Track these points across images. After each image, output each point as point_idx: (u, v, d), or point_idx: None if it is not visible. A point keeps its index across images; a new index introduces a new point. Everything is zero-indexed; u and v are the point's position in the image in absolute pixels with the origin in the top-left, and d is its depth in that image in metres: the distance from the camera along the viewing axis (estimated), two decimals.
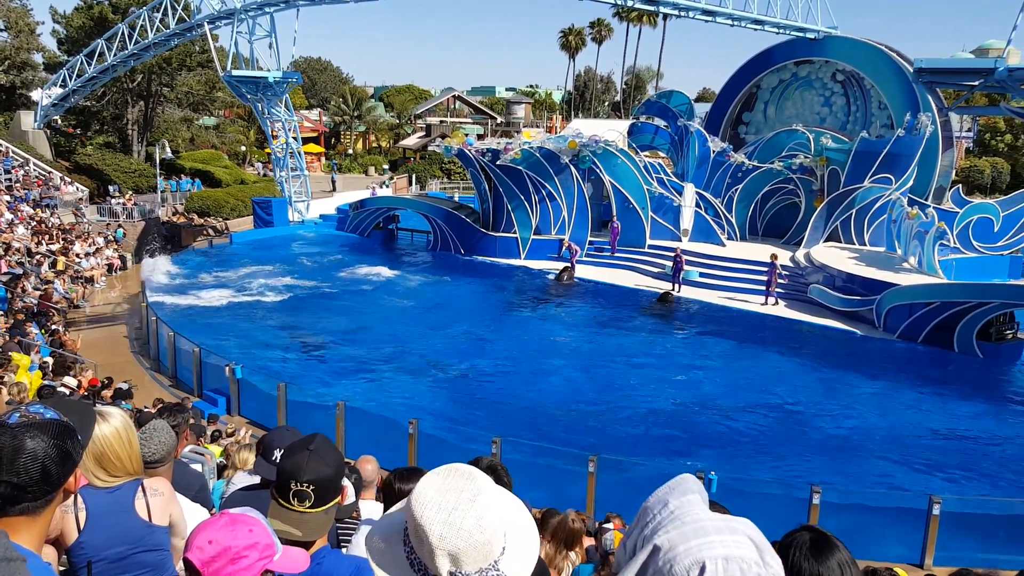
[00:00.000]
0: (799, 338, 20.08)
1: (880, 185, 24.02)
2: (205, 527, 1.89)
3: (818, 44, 28.06)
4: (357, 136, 67.22)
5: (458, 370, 17.26)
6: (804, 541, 1.85)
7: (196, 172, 42.90)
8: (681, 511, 1.38)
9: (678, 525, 1.34)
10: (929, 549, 10.12)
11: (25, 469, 1.69)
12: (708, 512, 1.39)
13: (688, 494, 1.41)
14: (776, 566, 1.34)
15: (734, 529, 1.34)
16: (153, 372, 17.21)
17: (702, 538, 1.30)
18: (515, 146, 27.63)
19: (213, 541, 1.85)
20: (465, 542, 1.44)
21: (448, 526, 1.44)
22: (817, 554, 1.82)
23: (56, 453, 1.73)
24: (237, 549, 1.85)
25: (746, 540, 1.33)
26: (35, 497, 1.73)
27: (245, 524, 1.90)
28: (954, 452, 13.63)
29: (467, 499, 1.47)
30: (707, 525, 1.33)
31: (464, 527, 1.44)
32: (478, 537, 1.44)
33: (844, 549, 1.85)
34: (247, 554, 1.87)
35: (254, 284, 25.08)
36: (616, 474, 11.33)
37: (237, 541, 1.86)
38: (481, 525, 1.45)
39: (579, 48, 79.06)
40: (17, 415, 1.75)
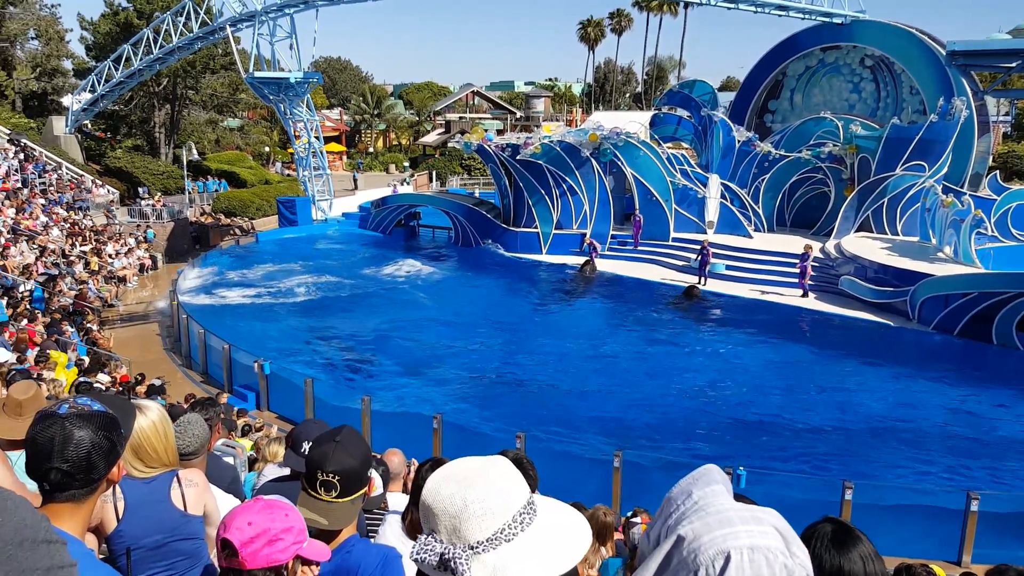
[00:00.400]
0: (831, 331, 19.73)
1: (913, 173, 23.52)
2: (243, 510, 1.98)
3: (845, 29, 27.59)
4: (377, 134, 67.62)
5: (482, 365, 17.27)
6: (826, 532, 1.84)
7: (222, 173, 43.52)
8: (705, 501, 1.37)
9: (702, 515, 1.34)
10: (967, 546, 9.92)
11: (74, 458, 1.80)
12: (733, 502, 1.38)
13: (712, 484, 1.41)
14: (803, 556, 1.33)
15: (759, 519, 1.33)
16: (185, 369, 17.50)
17: (727, 528, 1.29)
18: (535, 140, 27.55)
19: (252, 523, 1.93)
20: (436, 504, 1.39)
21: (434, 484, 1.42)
22: (839, 546, 1.81)
23: (103, 443, 1.83)
24: (275, 531, 1.94)
25: (772, 530, 1.31)
26: (82, 485, 1.83)
27: (281, 509, 1.98)
28: (993, 447, 13.32)
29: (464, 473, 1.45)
30: (732, 515, 1.32)
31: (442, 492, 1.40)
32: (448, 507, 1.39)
33: (867, 542, 1.84)
34: (283, 537, 1.95)
35: (281, 282, 25.37)
36: (641, 469, 11.27)
37: (275, 524, 1.94)
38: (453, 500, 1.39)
39: (598, 39, 78.68)
40: (66, 406, 1.86)
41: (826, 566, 1.79)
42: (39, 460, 1.80)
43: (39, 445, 1.79)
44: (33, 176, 32.02)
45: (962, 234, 20.41)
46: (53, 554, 1.05)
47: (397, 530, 3.13)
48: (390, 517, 3.29)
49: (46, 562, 1.03)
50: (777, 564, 1.26)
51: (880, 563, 1.83)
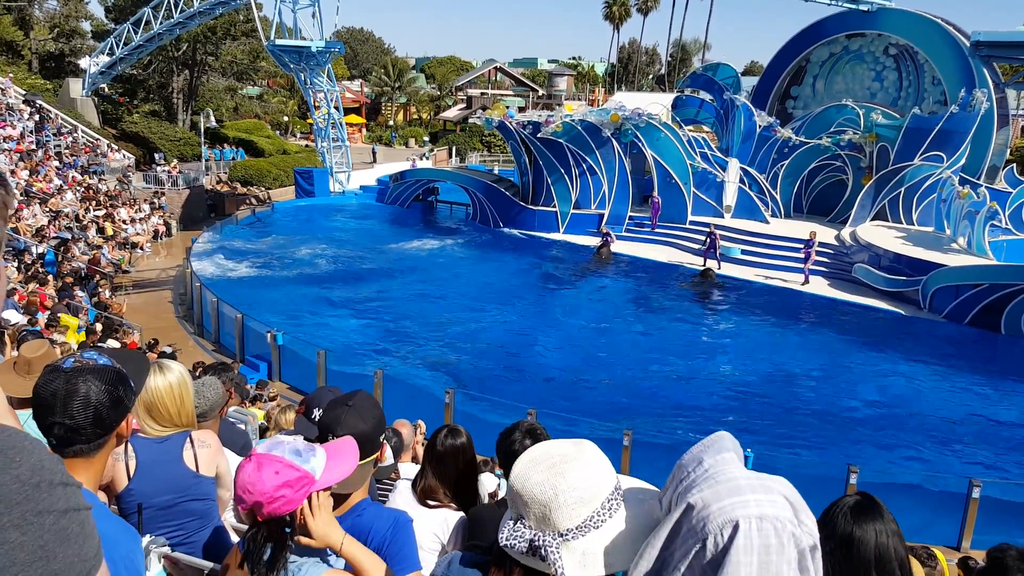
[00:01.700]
0: (842, 317, 19.70)
1: (931, 163, 23.27)
2: (239, 474, 1.96)
3: (871, 16, 27.12)
4: (398, 107, 67.30)
5: (493, 342, 17.35)
6: (848, 503, 1.84)
7: (239, 141, 43.45)
8: (716, 469, 1.36)
9: (712, 483, 1.33)
10: (967, 532, 9.98)
11: (78, 412, 1.75)
12: (743, 470, 1.37)
13: (723, 452, 1.39)
14: (811, 525, 1.32)
15: (769, 488, 1.32)
16: (196, 337, 17.63)
17: (736, 497, 1.29)
18: (556, 119, 27.35)
19: (249, 490, 1.92)
20: (525, 490, 1.44)
21: (522, 469, 1.46)
22: (856, 515, 1.80)
23: (108, 398, 1.78)
24: (269, 493, 1.92)
25: (782, 499, 1.30)
26: (88, 440, 1.79)
27: (270, 466, 1.94)
28: (998, 436, 13.34)
29: (552, 460, 1.48)
30: (742, 483, 1.31)
31: (533, 479, 1.44)
32: (538, 496, 1.43)
33: (889, 519, 1.81)
34: (283, 493, 1.93)
35: (297, 252, 25.46)
36: (650, 448, 11.35)
37: (267, 486, 1.92)
38: (543, 488, 1.44)
39: (623, 19, 77.57)
40: (71, 360, 1.82)
41: (839, 532, 1.79)
42: (43, 415, 1.77)
43: (42, 399, 1.77)
44: (48, 138, 32.12)
45: (976, 226, 20.25)
46: (69, 496, 1.02)
47: (408, 498, 3.17)
48: (401, 484, 3.33)
49: (62, 504, 1.00)
50: (785, 533, 1.26)
51: (898, 540, 1.81)
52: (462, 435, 3.18)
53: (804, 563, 1.30)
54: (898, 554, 1.78)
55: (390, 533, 2.25)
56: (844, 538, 1.78)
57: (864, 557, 1.76)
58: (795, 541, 1.27)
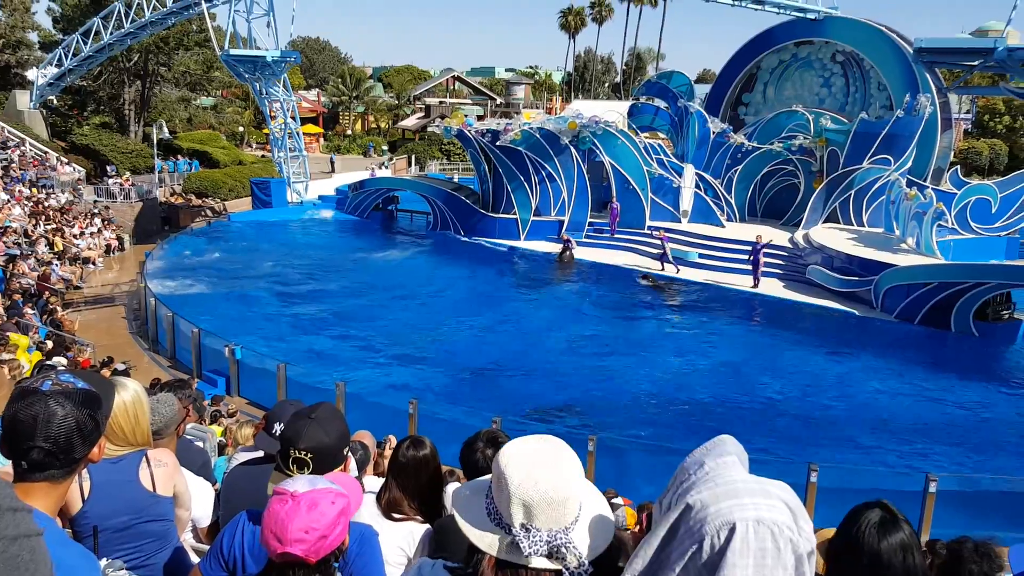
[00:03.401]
0: (797, 318, 20.12)
1: (879, 166, 23.97)
2: (291, 516, 1.84)
3: (818, 24, 27.85)
4: (356, 117, 66.83)
5: (458, 351, 17.29)
6: (873, 520, 1.81)
7: (194, 153, 42.68)
8: (716, 472, 1.37)
9: (711, 486, 1.34)
10: (925, 527, 10.20)
11: (58, 436, 1.71)
12: (744, 474, 1.38)
13: (725, 455, 1.41)
14: (809, 530, 1.33)
15: (768, 492, 1.33)
16: (152, 353, 17.23)
17: (734, 500, 1.30)
18: (515, 127, 27.49)
19: (310, 529, 1.84)
20: (540, 496, 1.47)
21: (527, 478, 1.49)
22: (883, 533, 1.77)
23: (87, 422, 1.75)
24: (329, 522, 1.86)
25: (781, 504, 1.31)
26: (62, 465, 1.74)
27: (325, 496, 1.88)
28: (950, 430, 13.72)
29: (550, 461, 1.53)
30: (740, 487, 1.32)
31: (541, 483, 1.48)
32: (552, 495, 1.47)
33: (912, 533, 1.80)
34: (340, 521, 1.89)
35: (255, 265, 25.07)
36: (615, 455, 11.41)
37: (327, 517, 1.86)
38: (557, 486, 1.49)
39: (579, 28, 78.39)
40: (49, 383, 1.76)
41: (866, 549, 1.75)
42: (19, 438, 1.71)
43: (20, 423, 1.71)
44: None
45: (924, 226, 20.87)
46: (19, 522, 1.00)
47: (373, 511, 3.13)
48: (365, 498, 3.29)
49: (11, 531, 0.98)
50: (783, 538, 1.27)
51: (921, 557, 1.78)
52: (426, 446, 3.16)
53: (801, 569, 1.31)
54: (924, 571, 1.77)
55: (355, 547, 2.23)
56: (873, 557, 1.74)
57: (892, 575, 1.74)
58: (793, 547, 1.28)
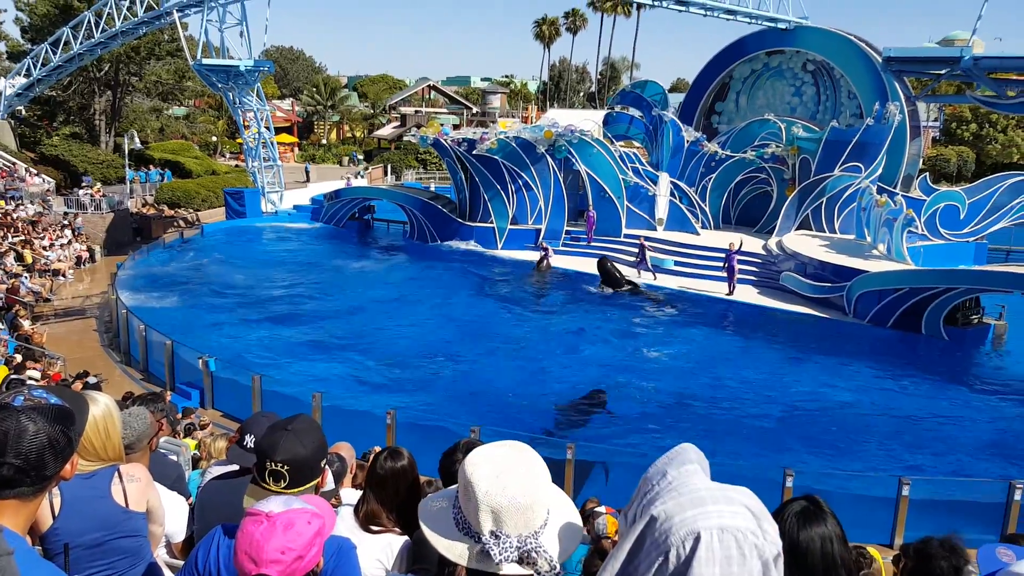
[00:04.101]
0: (771, 324, 20.33)
1: (850, 174, 24.33)
2: (267, 536, 1.81)
3: (789, 34, 28.28)
4: (331, 126, 66.57)
5: (436, 360, 17.23)
6: (794, 509, 1.85)
7: (166, 163, 42.26)
8: (679, 481, 1.38)
9: (675, 495, 1.35)
10: (899, 529, 10.34)
11: (29, 452, 1.69)
12: (707, 482, 1.39)
13: (687, 464, 1.42)
14: (773, 534, 1.34)
15: (731, 499, 1.34)
16: (124, 366, 17.00)
17: (698, 508, 1.30)
18: (491, 136, 27.56)
19: (286, 549, 1.81)
20: (508, 502, 1.48)
21: (495, 484, 1.49)
22: (803, 521, 1.81)
23: (60, 438, 1.72)
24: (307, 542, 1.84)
25: (744, 510, 1.32)
26: (33, 482, 1.72)
27: (301, 516, 1.86)
28: (922, 433, 13.92)
29: (517, 466, 1.54)
30: (704, 495, 1.33)
31: (509, 488, 1.49)
32: (521, 501, 1.48)
33: (834, 524, 1.82)
34: (316, 541, 1.87)
35: (228, 275, 24.79)
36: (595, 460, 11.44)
37: (304, 536, 1.83)
38: (525, 491, 1.49)
39: (553, 38, 78.94)
40: (21, 398, 1.74)
41: (787, 538, 1.76)
42: None
43: None
44: None
45: (895, 232, 21.22)
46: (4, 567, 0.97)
47: (351, 524, 3.10)
48: (343, 511, 3.26)
49: None
50: (747, 544, 1.28)
51: (843, 547, 1.79)
52: (403, 457, 3.13)
53: (768, 573, 1.32)
54: (844, 560, 1.79)
55: (333, 561, 2.21)
56: (791, 545, 1.76)
57: (812, 565, 1.76)
58: (758, 552, 1.29)
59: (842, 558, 1.79)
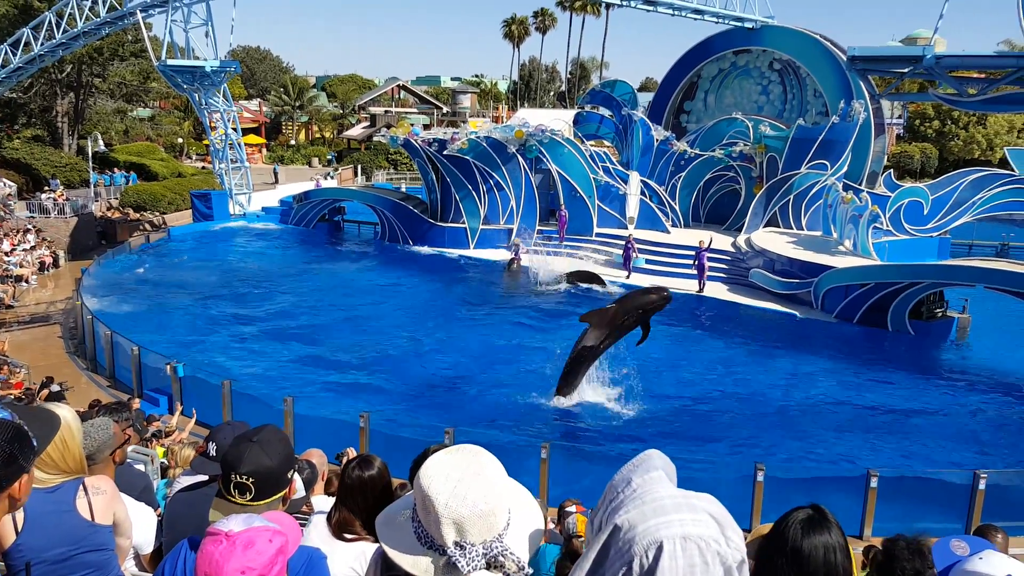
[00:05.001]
0: (740, 320, 20.58)
1: (816, 171, 24.73)
2: (227, 556, 1.78)
3: (756, 33, 28.63)
4: (299, 127, 65.93)
5: (410, 363, 17.14)
6: (800, 517, 1.83)
7: (131, 165, 41.50)
8: (643, 489, 1.39)
9: (639, 504, 1.36)
10: (868, 520, 10.53)
11: None
12: (671, 489, 1.39)
13: (652, 471, 1.43)
14: (738, 540, 1.36)
15: (694, 507, 1.35)
16: (90, 373, 16.68)
17: (661, 517, 1.31)
18: (462, 136, 27.52)
19: (246, 570, 1.78)
20: (470, 511, 1.45)
21: (454, 495, 1.47)
22: (807, 530, 1.79)
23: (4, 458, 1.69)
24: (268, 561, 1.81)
25: (707, 517, 1.34)
26: None
27: (262, 534, 1.83)
28: (889, 425, 14.19)
29: (473, 472, 1.51)
30: (667, 504, 1.34)
31: (469, 497, 1.46)
32: (482, 507, 1.46)
33: (839, 534, 1.81)
34: (277, 560, 1.84)
35: (197, 279, 24.44)
36: (570, 460, 11.48)
37: (266, 555, 1.81)
38: (486, 497, 1.47)
39: (523, 37, 79.07)
40: None
41: (789, 546, 1.76)
42: None
43: None
44: None
45: (860, 229, 21.60)
46: None
47: (323, 532, 3.07)
48: (315, 519, 3.22)
49: None
50: (710, 552, 1.29)
51: (846, 558, 1.79)
52: (374, 466, 3.10)
53: None
54: (845, 571, 1.79)
55: (303, 571, 2.20)
56: (794, 552, 1.75)
57: (813, 572, 1.74)
58: (720, 559, 1.31)
59: (844, 568, 1.78)
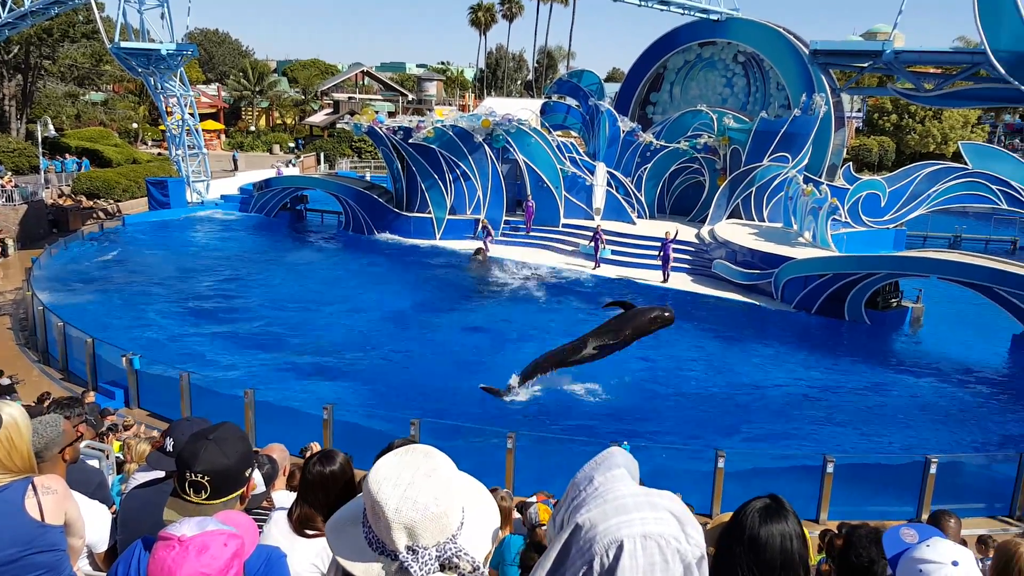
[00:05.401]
0: (703, 311, 20.80)
1: (778, 164, 25.10)
2: (180, 560, 1.75)
3: (721, 26, 28.86)
4: (260, 112, 64.79)
5: (373, 353, 17.03)
6: (757, 506, 1.86)
7: (83, 151, 40.38)
8: (605, 487, 1.38)
9: (600, 503, 1.35)
10: (824, 504, 10.77)
11: None
12: (632, 487, 1.39)
13: (614, 468, 1.42)
14: (697, 537, 1.37)
15: (655, 505, 1.35)
16: (42, 365, 16.24)
17: (622, 516, 1.31)
18: (428, 124, 27.29)
19: (200, 575, 1.74)
20: (421, 515, 1.42)
21: (404, 500, 1.43)
22: (764, 519, 1.82)
23: None
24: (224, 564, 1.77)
25: (667, 515, 1.34)
26: None
27: (217, 538, 1.79)
28: (845, 412, 14.52)
29: (423, 475, 1.47)
30: (628, 502, 1.34)
31: (420, 500, 1.43)
32: (434, 510, 1.43)
33: (796, 523, 1.84)
34: (233, 564, 1.81)
35: (152, 269, 23.91)
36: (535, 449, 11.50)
37: (221, 559, 1.77)
38: (437, 499, 1.44)
39: (489, 24, 78.60)
40: None
41: (747, 534, 1.79)
42: None
43: None
44: None
45: (820, 220, 22.03)
46: None
47: (284, 528, 3.00)
48: (276, 515, 3.15)
49: None
50: (670, 550, 1.30)
51: (803, 546, 1.82)
52: (335, 461, 3.02)
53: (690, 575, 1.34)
54: (802, 558, 1.82)
55: (262, 571, 2.14)
56: (751, 540, 1.79)
57: (770, 560, 1.77)
58: (680, 556, 1.31)
59: (800, 555, 1.81)
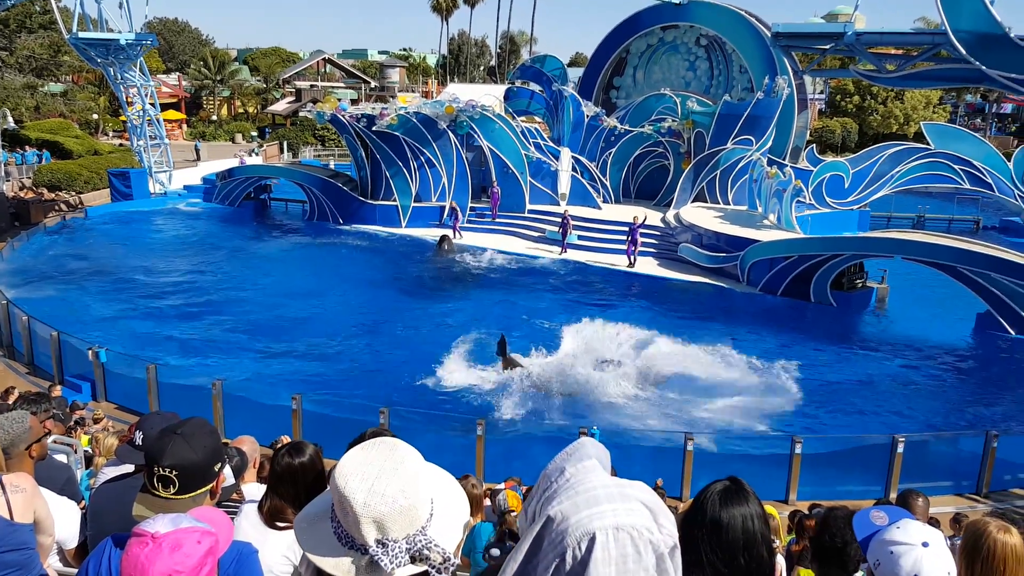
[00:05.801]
0: (669, 294, 21.05)
1: (742, 147, 25.34)
2: (153, 557, 1.74)
3: (683, 9, 28.92)
4: (221, 102, 63.59)
5: (340, 343, 16.96)
6: (717, 489, 1.89)
7: (43, 143, 39.31)
8: (576, 479, 1.39)
9: (572, 495, 1.36)
10: (792, 485, 11.01)
11: None
12: (604, 478, 1.40)
13: (585, 460, 1.43)
14: (670, 527, 1.38)
15: (627, 496, 1.36)
16: (6, 360, 15.94)
17: (594, 508, 1.32)
18: (391, 111, 27.08)
19: (174, 572, 1.74)
20: (389, 507, 1.42)
21: (372, 493, 1.42)
22: (724, 501, 1.84)
23: None
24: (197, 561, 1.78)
25: (639, 506, 1.35)
26: None
27: (190, 535, 1.79)
28: (811, 393, 14.76)
29: (390, 468, 1.46)
30: (599, 494, 1.34)
31: (388, 493, 1.42)
32: (402, 502, 1.42)
33: (756, 504, 1.87)
34: (207, 561, 1.81)
35: (116, 261, 23.49)
36: (504, 437, 11.61)
37: (194, 556, 1.77)
38: (405, 491, 1.44)
39: (451, 10, 77.85)
40: None
41: (708, 517, 1.81)
42: None
43: None
44: None
45: (784, 203, 22.32)
46: None
47: (255, 521, 3.00)
48: (246, 508, 3.17)
49: None
50: (642, 541, 1.30)
51: (763, 524, 1.85)
52: (305, 452, 3.05)
53: (663, 566, 1.36)
54: (764, 537, 1.84)
55: (233, 567, 2.17)
56: (713, 522, 1.80)
57: (732, 540, 1.79)
58: (653, 547, 1.33)
59: (762, 535, 1.83)
